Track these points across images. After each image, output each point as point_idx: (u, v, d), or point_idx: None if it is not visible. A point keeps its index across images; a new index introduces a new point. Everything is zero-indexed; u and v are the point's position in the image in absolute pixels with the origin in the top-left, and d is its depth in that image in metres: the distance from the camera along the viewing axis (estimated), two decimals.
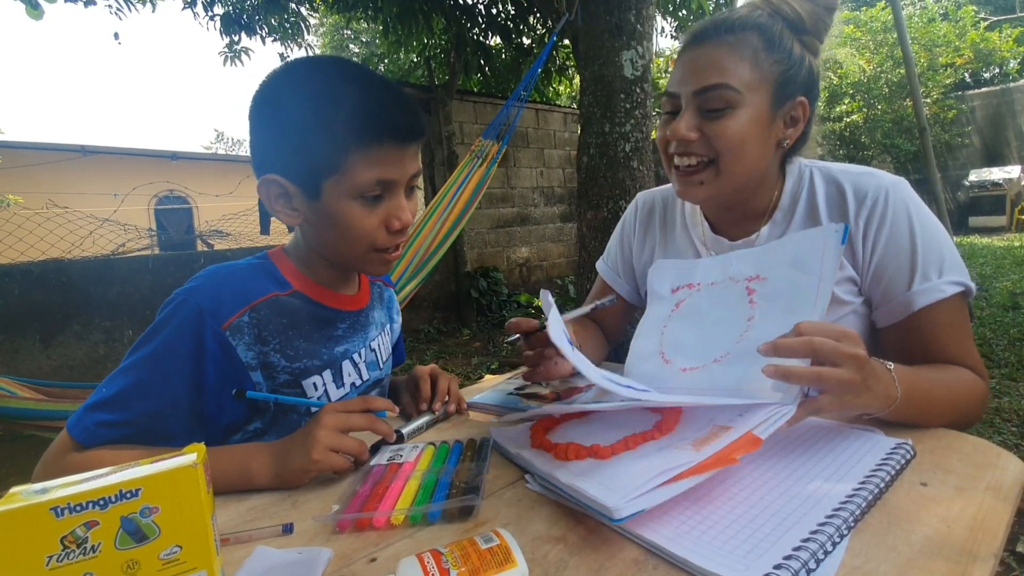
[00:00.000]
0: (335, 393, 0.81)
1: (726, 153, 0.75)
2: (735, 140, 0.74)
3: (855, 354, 0.54)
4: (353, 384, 0.84)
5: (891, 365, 0.61)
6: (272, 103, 0.72)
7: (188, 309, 0.69)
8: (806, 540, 0.43)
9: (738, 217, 0.84)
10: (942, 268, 0.71)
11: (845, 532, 0.45)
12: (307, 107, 0.69)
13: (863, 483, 0.50)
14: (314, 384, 0.78)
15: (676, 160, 0.79)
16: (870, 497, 0.49)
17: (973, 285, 0.71)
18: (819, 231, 0.69)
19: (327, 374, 0.80)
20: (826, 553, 0.42)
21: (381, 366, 0.91)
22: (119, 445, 0.67)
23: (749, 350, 0.64)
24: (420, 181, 0.74)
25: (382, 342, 0.92)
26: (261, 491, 0.63)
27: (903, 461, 0.54)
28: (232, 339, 0.71)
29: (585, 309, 0.87)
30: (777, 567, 0.40)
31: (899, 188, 0.74)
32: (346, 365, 0.83)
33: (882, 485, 0.50)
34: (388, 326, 0.96)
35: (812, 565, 0.41)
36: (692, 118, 0.76)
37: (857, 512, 0.47)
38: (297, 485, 0.63)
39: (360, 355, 0.86)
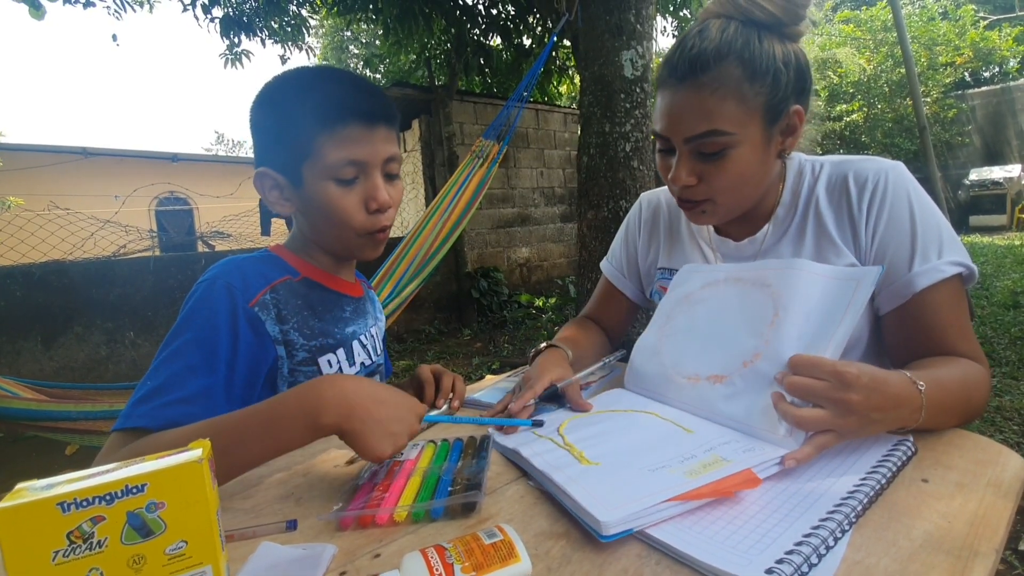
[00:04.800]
0: (348, 372, 0.83)
1: (726, 191, 0.75)
2: (736, 179, 0.73)
3: (840, 398, 0.53)
4: (363, 364, 0.87)
5: (923, 385, 0.57)
6: (261, 104, 0.78)
7: (218, 290, 0.72)
8: (808, 535, 0.43)
9: (742, 220, 0.84)
10: (941, 248, 0.70)
11: (847, 528, 0.45)
12: (285, 101, 0.76)
13: (864, 479, 0.51)
14: (329, 362, 0.81)
15: (678, 193, 0.79)
16: (872, 493, 0.49)
17: (974, 267, 0.70)
18: (856, 273, 0.64)
19: (341, 352, 0.83)
20: (828, 548, 0.43)
21: (379, 352, 0.95)
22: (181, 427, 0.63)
23: (756, 381, 0.62)
24: (400, 167, 0.78)
25: (377, 331, 0.96)
26: (265, 489, 0.63)
27: (904, 458, 0.55)
28: (261, 314, 0.75)
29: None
30: (779, 562, 0.40)
31: (898, 170, 0.75)
32: (356, 345, 0.86)
33: (883, 481, 0.51)
34: (377, 324, 0.98)
35: (814, 560, 0.41)
36: (689, 163, 0.74)
37: (859, 508, 0.47)
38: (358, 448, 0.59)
39: (365, 337, 0.89)
